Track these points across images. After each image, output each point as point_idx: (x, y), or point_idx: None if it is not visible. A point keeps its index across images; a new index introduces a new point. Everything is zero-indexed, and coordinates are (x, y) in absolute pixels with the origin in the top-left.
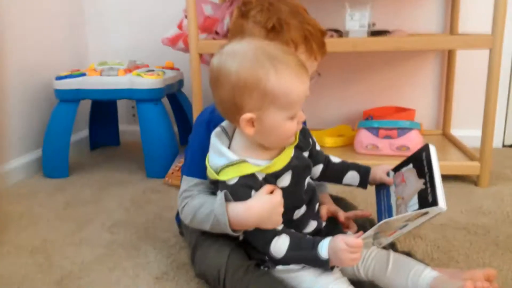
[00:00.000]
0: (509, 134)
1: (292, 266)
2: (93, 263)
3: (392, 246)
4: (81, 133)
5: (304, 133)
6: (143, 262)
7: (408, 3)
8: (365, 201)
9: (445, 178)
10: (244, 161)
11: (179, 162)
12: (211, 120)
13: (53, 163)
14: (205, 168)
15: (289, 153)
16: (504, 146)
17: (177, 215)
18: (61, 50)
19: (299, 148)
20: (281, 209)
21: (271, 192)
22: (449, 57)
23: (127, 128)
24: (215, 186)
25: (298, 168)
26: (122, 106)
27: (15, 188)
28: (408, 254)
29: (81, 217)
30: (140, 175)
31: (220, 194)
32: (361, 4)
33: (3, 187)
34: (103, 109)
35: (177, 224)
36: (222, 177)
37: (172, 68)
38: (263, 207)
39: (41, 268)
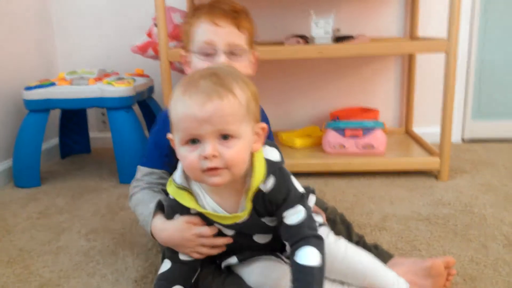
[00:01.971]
0: (467, 129)
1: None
2: (72, 271)
3: (360, 238)
4: (51, 141)
5: (267, 199)
6: (122, 268)
7: (370, 8)
8: (334, 198)
9: (408, 173)
10: (186, 190)
11: None
12: (165, 114)
13: (24, 173)
14: (156, 158)
15: (236, 217)
16: (463, 141)
17: None
18: (29, 60)
19: (256, 212)
20: (196, 243)
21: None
22: (409, 59)
23: (98, 135)
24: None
25: (244, 228)
26: (92, 114)
27: None
28: (375, 246)
29: (56, 226)
30: (113, 182)
31: (153, 204)
32: (326, 11)
33: None
34: (73, 117)
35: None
36: (167, 187)
37: (142, 75)
38: (173, 235)
39: (20, 277)
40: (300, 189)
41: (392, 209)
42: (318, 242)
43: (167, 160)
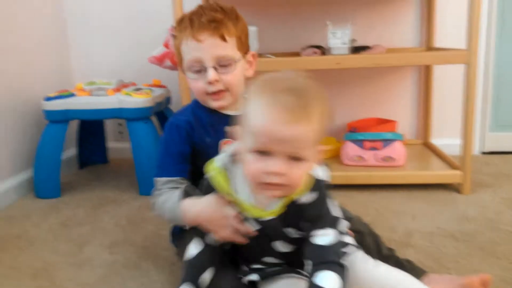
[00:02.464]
0: (486, 141)
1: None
2: (97, 284)
3: (390, 252)
4: (69, 151)
5: (301, 211)
6: (147, 282)
7: (385, 18)
8: (356, 212)
9: (428, 186)
10: (223, 173)
11: None
12: (173, 121)
13: (45, 184)
14: (171, 167)
15: (263, 213)
16: (483, 153)
17: (172, 236)
18: (46, 71)
19: (284, 220)
20: (222, 223)
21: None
22: (426, 69)
23: (115, 145)
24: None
25: (267, 229)
26: (109, 124)
27: (7, 210)
28: (408, 261)
29: (78, 238)
30: (133, 193)
31: (179, 191)
32: (341, 21)
33: None
34: (91, 128)
35: (173, 245)
36: (208, 165)
37: (159, 86)
38: (203, 210)
39: None
40: (336, 213)
41: (416, 224)
42: (340, 270)
43: (182, 167)
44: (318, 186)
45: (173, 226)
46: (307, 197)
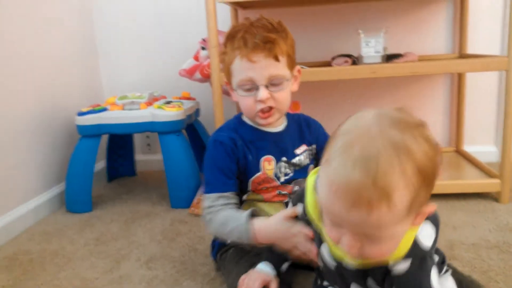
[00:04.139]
0: None
1: None
2: None
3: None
4: (98, 165)
5: (390, 278)
6: None
7: (417, 25)
8: None
9: (464, 195)
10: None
11: (202, 191)
12: (217, 138)
13: (77, 198)
14: (221, 182)
15: (345, 257)
16: None
17: (213, 250)
18: (77, 86)
19: (367, 273)
20: (292, 242)
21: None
22: (459, 76)
23: (142, 158)
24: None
25: (346, 272)
26: (137, 136)
27: (41, 226)
28: (478, 285)
29: (115, 253)
30: (164, 206)
31: (247, 212)
32: (372, 29)
33: (29, 225)
34: (120, 141)
35: (213, 259)
36: (307, 183)
37: (189, 98)
38: (276, 230)
39: None
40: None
41: (458, 236)
42: None
43: (231, 182)
44: (416, 255)
45: (213, 240)
46: (398, 266)
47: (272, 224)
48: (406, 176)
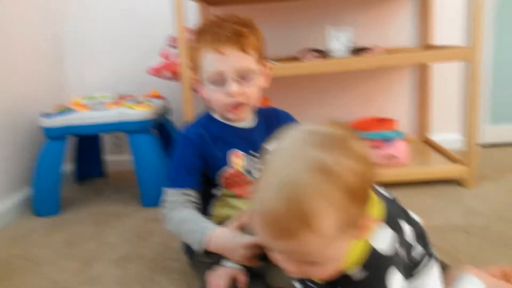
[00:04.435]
0: (484, 134)
1: None
2: None
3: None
4: (66, 166)
5: (348, 282)
6: None
7: (382, 18)
8: None
9: (433, 182)
10: None
11: None
12: (184, 133)
13: (44, 201)
14: (183, 178)
15: None
16: (482, 146)
17: (186, 247)
18: (40, 86)
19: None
20: (242, 253)
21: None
22: (424, 67)
23: (111, 158)
24: None
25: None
26: (105, 137)
27: (7, 231)
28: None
29: (85, 255)
30: (135, 206)
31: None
32: (338, 23)
33: None
34: (88, 142)
35: (186, 255)
36: None
37: (158, 97)
38: (223, 238)
39: None
40: None
41: (425, 220)
42: None
43: (193, 179)
44: (372, 262)
45: None
46: (355, 275)
47: (223, 233)
48: (328, 198)
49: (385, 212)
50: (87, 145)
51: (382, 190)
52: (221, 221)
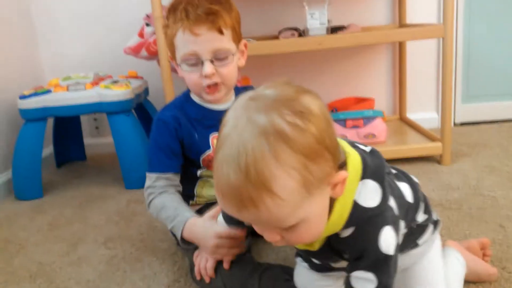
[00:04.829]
0: (458, 113)
1: None
2: (99, 281)
3: None
4: (45, 150)
5: (341, 244)
6: (150, 273)
7: None
8: None
9: (410, 160)
10: None
11: None
12: (160, 117)
13: (26, 185)
14: (163, 161)
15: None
16: (455, 125)
17: None
18: (16, 68)
19: (331, 249)
20: (215, 242)
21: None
22: (400, 46)
23: (91, 141)
24: None
25: (318, 254)
26: (84, 119)
27: None
28: None
29: (70, 237)
30: (118, 188)
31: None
32: (316, 2)
33: None
34: (67, 124)
35: (173, 235)
36: None
37: (136, 77)
38: (197, 226)
39: None
40: (389, 250)
41: None
42: None
43: (174, 162)
44: (359, 218)
45: None
46: (344, 232)
47: (196, 223)
48: (281, 161)
49: (364, 166)
50: (66, 127)
51: (359, 144)
52: (208, 201)
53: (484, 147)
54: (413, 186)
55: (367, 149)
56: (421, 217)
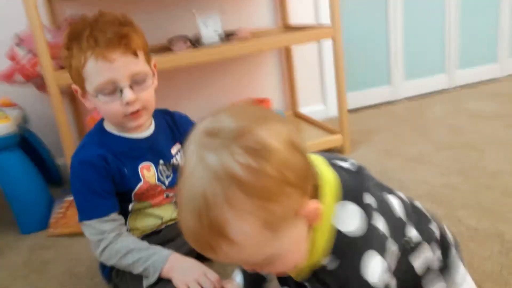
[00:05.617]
0: None
1: None
2: None
3: None
4: None
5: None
6: None
7: (244, 2)
8: None
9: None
10: None
11: (60, 208)
12: (83, 158)
13: None
14: (99, 203)
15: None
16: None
17: (104, 269)
18: None
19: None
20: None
21: None
22: (286, 48)
23: None
24: None
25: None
26: None
27: None
28: None
29: None
30: (13, 235)
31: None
32: (206, 9)
33: None
34: None
35: (105, 279)
36: None
37: (10, 105)
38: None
39: None
40: (374, 277)
41: None
42: None
43: (113, 201)
44: (341, 246)
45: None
46: (329, 265)
47: (181, 256)
48: (235, 207)
49: (343, 188)
50: None
51: (341, 162)
52: (143, 233)
53: (372, 132)
54: (403, 200)
55: (352, 166)
56: (414, 232)
